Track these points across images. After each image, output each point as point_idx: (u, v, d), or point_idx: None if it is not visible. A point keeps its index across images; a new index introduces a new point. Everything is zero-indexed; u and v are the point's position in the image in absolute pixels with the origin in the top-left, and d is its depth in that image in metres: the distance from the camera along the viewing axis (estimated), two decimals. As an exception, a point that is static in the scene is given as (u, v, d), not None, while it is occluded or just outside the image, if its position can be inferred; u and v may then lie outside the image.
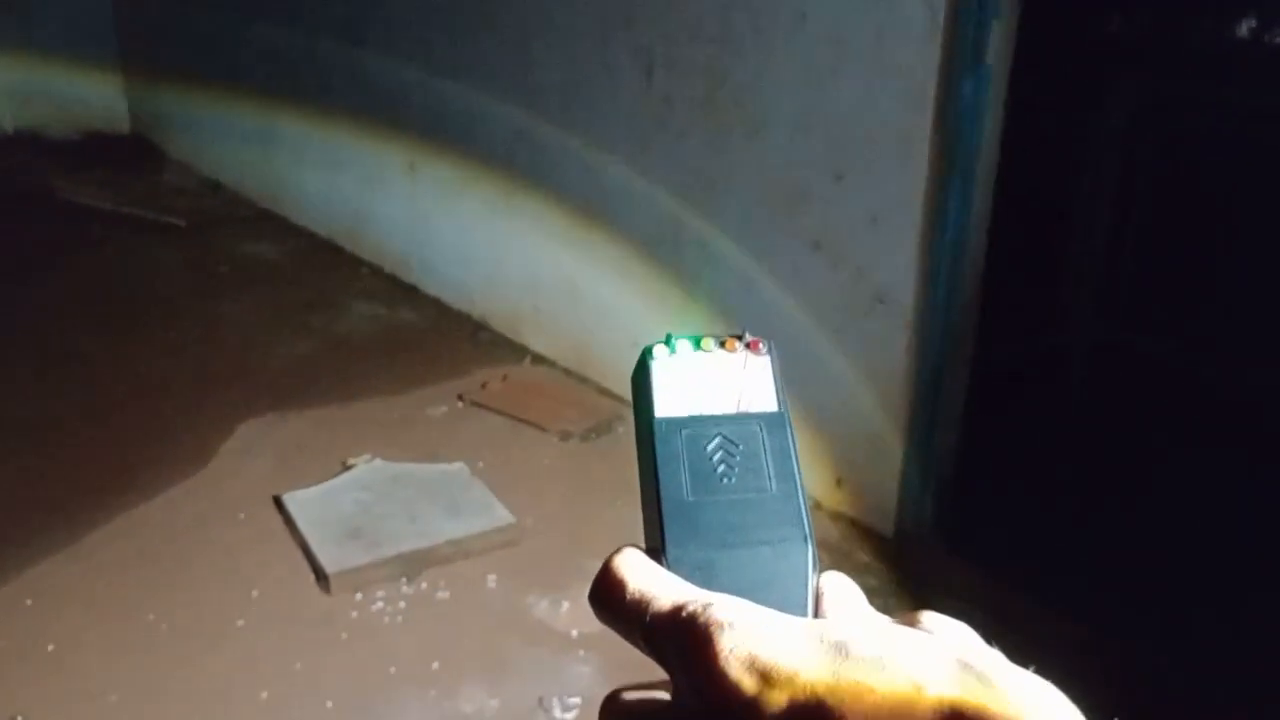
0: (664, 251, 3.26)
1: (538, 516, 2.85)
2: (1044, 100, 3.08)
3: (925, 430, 2.66)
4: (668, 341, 0.42)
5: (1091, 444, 3.33)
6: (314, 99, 4.82)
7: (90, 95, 6.14)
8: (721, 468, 0.40)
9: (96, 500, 2.86)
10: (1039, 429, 3.40)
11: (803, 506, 0.40)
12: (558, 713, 2.21)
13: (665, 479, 0.39)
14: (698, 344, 0.42)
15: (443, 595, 2.57)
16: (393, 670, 2.32)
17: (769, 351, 0.43)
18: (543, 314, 3.84)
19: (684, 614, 0.34)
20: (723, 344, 0.43)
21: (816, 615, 0.38)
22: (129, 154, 6.13)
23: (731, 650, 0.32)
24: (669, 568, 0.37)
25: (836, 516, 2.89)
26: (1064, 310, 3.51)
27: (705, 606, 0.34)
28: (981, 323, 2.68)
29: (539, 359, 3.82)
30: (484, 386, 3.59)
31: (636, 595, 0.36)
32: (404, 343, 4.02)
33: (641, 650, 0.36)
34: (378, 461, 3.04)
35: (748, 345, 0.43)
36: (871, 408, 2.76)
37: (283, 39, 4.90)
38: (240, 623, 2.45)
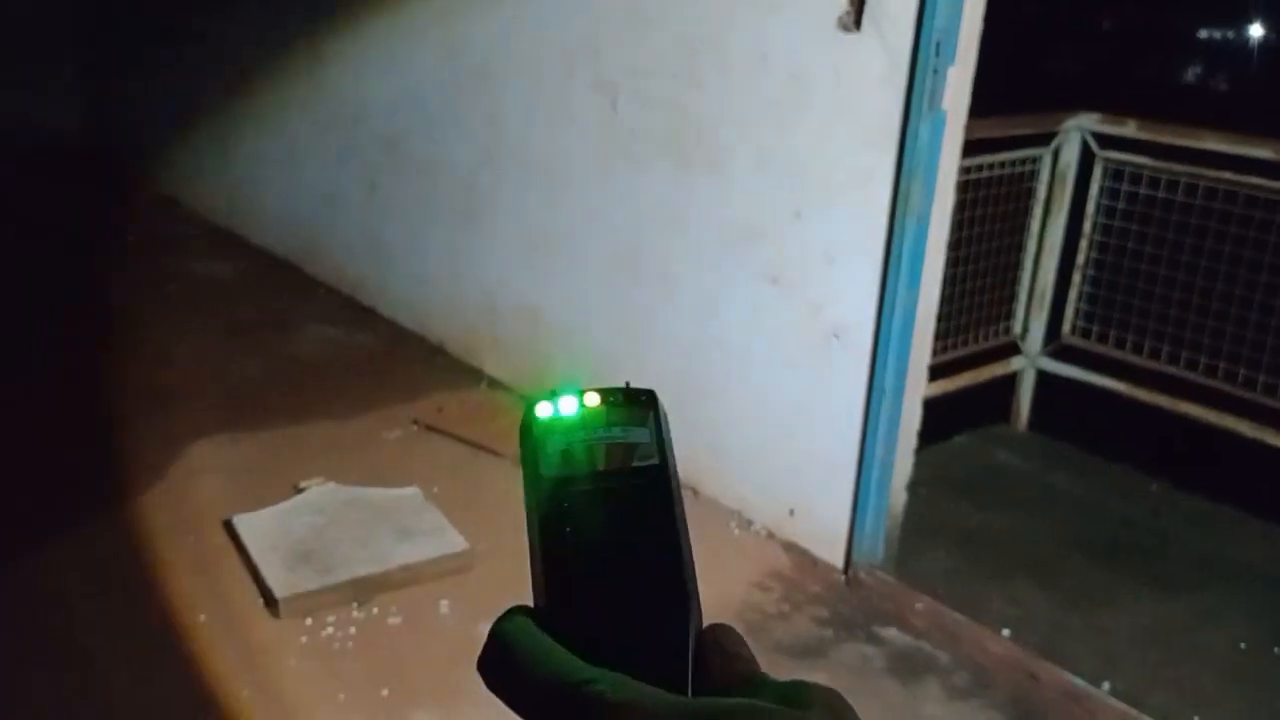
0: (623, 280, 3.28)
1: (491, 542, 2.84)
2: (999, 138, 3.17)
3: (879, 463, 2.70)
4: (551, 396, 0.42)
5: (1038, 474, 3.40)
6: (274, 117, 4.80)
7: (48, 106, 6.05)
8: (603, 527, 0.40)
9: (40, 520, 2.81)
10: (989, 458, 3.46)
11: (684, 563, 0.40)
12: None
13: (549, 539, 0.39)
14: (581, 398, 0.42)
15: (394, 621, 2.55)
16: (342, 697, 2.30)
17: (651, 404, 0.43)
18: (500, 339, 3.84)
19: (571, 694, 0.35)
20: (607, 397, 0.42)
21: (698, 671, 0.38)
22: (87, 167, 6.04)
23: None
24: (554, 633, 0.38)
25: (788, 546, 2.92)
26: (1014, 343, 3.59)
27: (588, 686, 0.35)
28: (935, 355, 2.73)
29: (495, 384, 3.82)
30: (439, 410, 3.58)
31: (525, 668, 0.37)
32: (359, 365, 4.00)
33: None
34: (330, 485, 3.02)
35: (631, 398, 0.43)
36: (825, 440, 2.79)
37: (246, 55, 4.88)
38: (187, 646, 2.41)
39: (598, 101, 3.22)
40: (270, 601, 2.55)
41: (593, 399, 0.42)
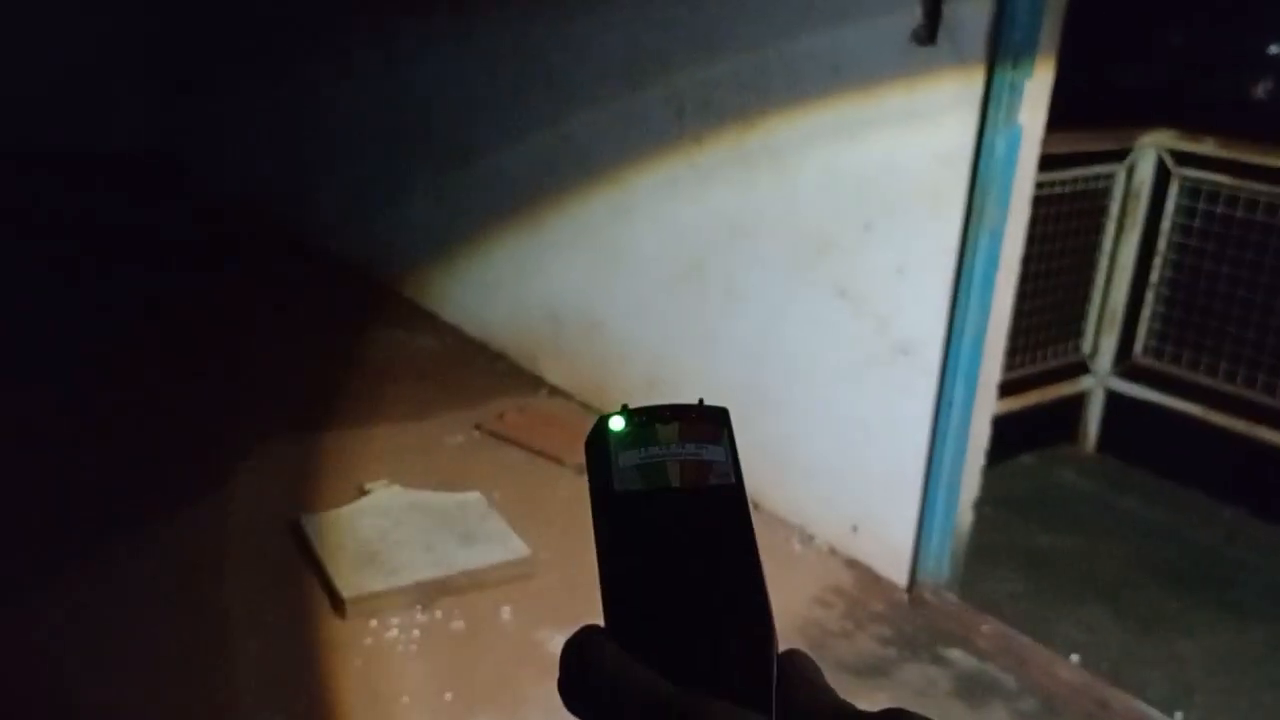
0: (687, 291, 3.28)
1: (552, 550, 2.85)
2: (1072, 154, 3.12)
3: (945, 481, 2.66)
4: (623, 413, 0.41)
5: (1107, 495, 3.34)
6: (343, 118, 4.87)
7: (118, 112, 6.19)
8: (679, 546, 0.38)
9: (114, 520, 2.88)
10: (1057, 478, 3.40)
11: (763, 585, 0.39)
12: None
13: (623, 559, 0.38)
14: (653, 415, 0.41)
15: (457, 625, 2.57)
16: (405, 700, 2.32)
17: (725, 423, 0.42)
18: (562, 347, 3.86)
19: (671, 715, 0.34)
20: (678, 415, 0.41)
21: (779, 699, 0.37)
22: (154, 172, 6.18)
23: None
24: (634, 652, 0.36)
25: (851, 563, 2.89)
26: (1082, 362, 3.53)
27: (683, 707, 0.33)
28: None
29: (556, 391, 3.84)
30: (501, 417, 3.60)
31: (610, 689, 0.35)
32: (422, 370, 4.04)
33: None
34: (395, 488, 3.05)
35: (705, 415, 0.42)
36: (891, 456, 2.76)
37: (315, 64, 4.96)
38: (255, 645, 2.45)
39: (665, 112, 3.23)
40: (337, 602, 2.58)
41: (665, 415, 0.41)
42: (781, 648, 0.39)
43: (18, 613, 2.50)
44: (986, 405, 2.69)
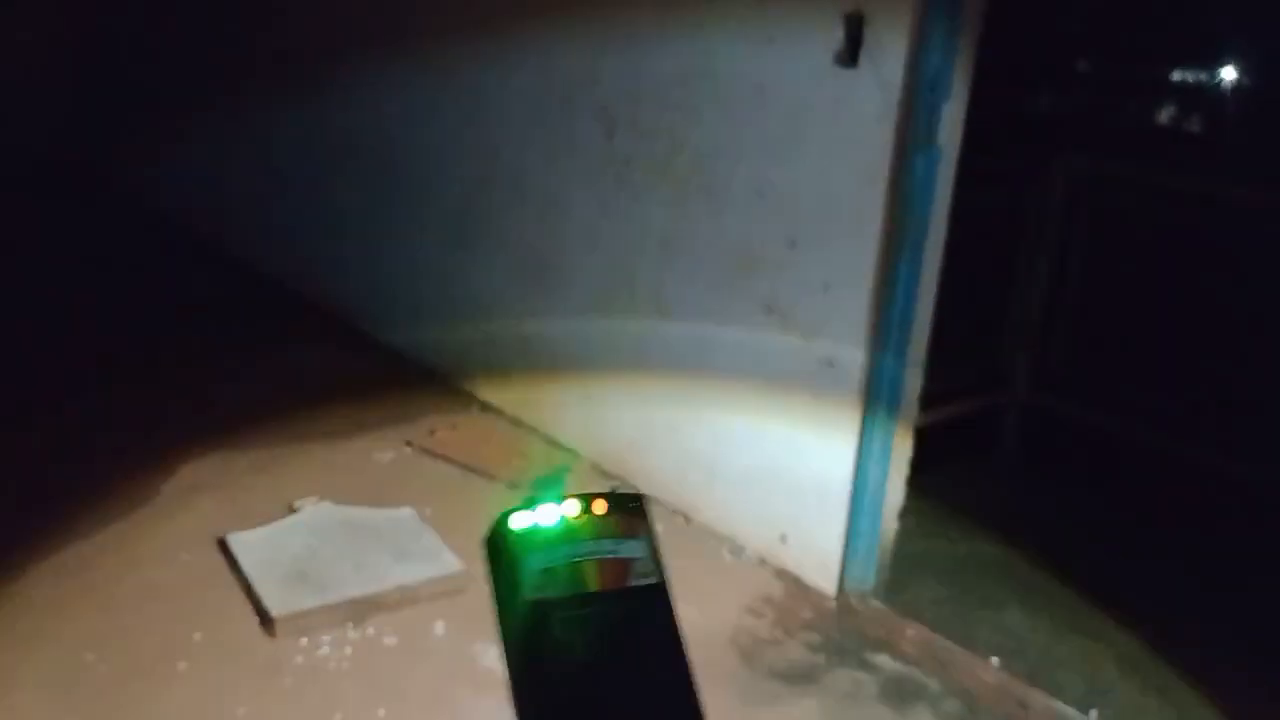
0: (617, 306, 3.32)
1: (485, 565, 2.85)
2: (987, 175, 3.24)
3: (871, 491, 2.74)
4: (528, 505, 0.37)
5: (1024, 504, 3.45)
6: (265, 141, 4.83)
7: (38, 122, 6.04)
8: (603, 657, 0.35)
9: (33, 537, 2.80)
10: (976, 489, 3.51)
11: (695, 695, 0.36)
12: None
13: (537, 672, 0.35)
14: (562, 508, 0.37)
15: (390, 641, 2.56)
16: (338, 717, 2.30)
17: (644, 513, 0.38)
18: (493, 363, 3.87)
19: None
20: (590, 504, 0.37)
21: None
22: (75, 186, 6.04)
23: None
24: None
25: (780, 573, 2.95)
26: (1001, 374, 3.66)
27: None
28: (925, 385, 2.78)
29: (487, 407, 3.84)
30: (433, 433, 3.59)
31: None
32: (352, 387, 4.00)
33: None
34: (325, 504, 3.03)
35: (619, 504, 0.38)
36: (818, 468, 2.83)
37: (245, 85, 4.92)
38: (182, 665, 2.41)
39: (594, 130, 3.28)
40: (266, 620, 2.55)
41: (575, 507, 0.37)
42: (712, 666, 0.35)
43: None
44: (909, 417, 2.78)
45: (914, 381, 2.74)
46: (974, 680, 2.56)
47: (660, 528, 2.04)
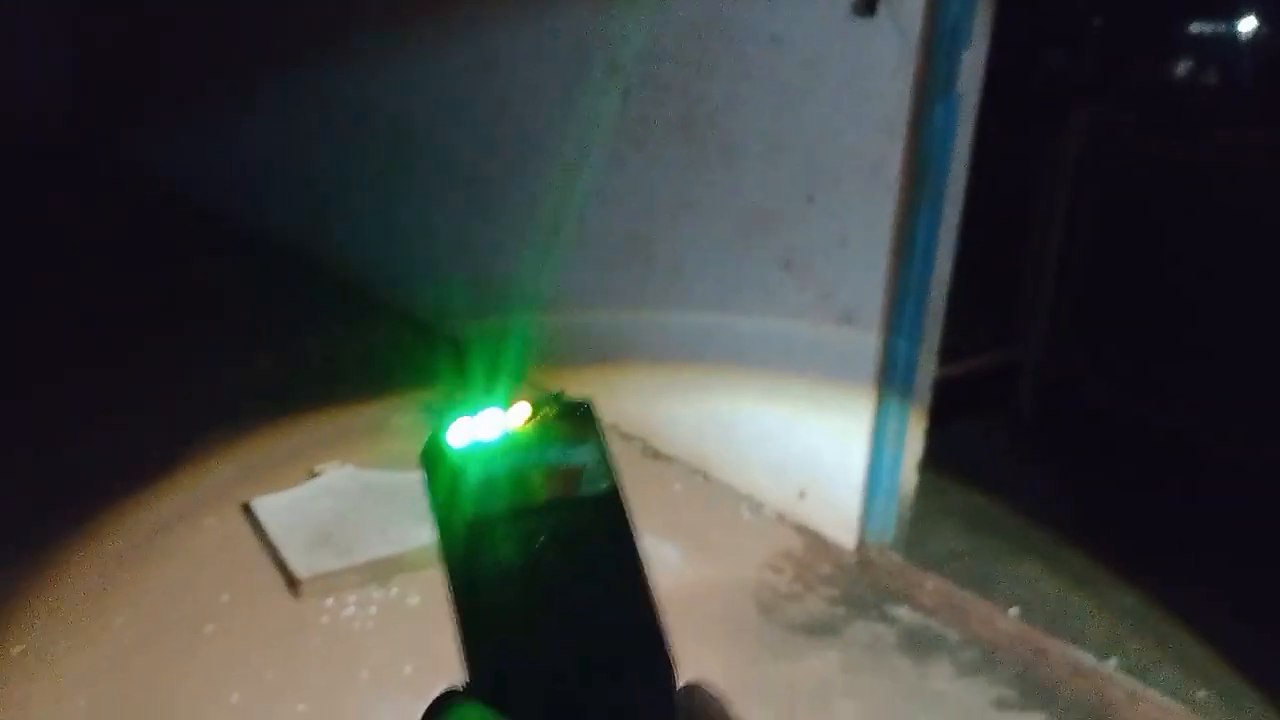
0: (635, 267, 3.31)
1: (507, 525, 2.87)
2: (1005, 128, 3.21)
3: (890, 446, 2.74)
4: (466, 411, 0.34)
5: (1042, 458, 3.45)
6: (277, 107, 4.81)
7: (39, 96, 6.03)
8: (554, 576, 0.32)
9: (63, 505, 2.83)
10: (995, 443, 3.51)
11: (655, 612, 0.33)
12: None
13: (481, 599, 0.32)
14: (504, 412, 0.34)
15: (413, 601, 2.58)
16: (365, 675, 2.33)
17: (592, 415, 0.35)
18: (509, 325, 3.87)
19: None
20: (537, 411, 0.34)
21: None
22: (81, 160, 6.03)
23: None
24: (508, 713, 0.30)
25: (800, 529, 2.96)
26: (1019, 329, 3.64)
27: None
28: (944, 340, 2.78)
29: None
30: (450, 397, 3.61)
31: None
32: (368, 353, 4.01)
33: None
34: (347, 468, 3.05)
35: (567, 409, 0.35)
36: (837, 423, 2.83)
37: (249, 46, 4.89)
38: (210, 627, 2.44)
39: (608, 89, 3.25)
40: (292, 582, 2.57)
41: (519, 414, 0.34)
42: (732, 621, 0.33)
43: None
44: (928, 371, 2.77)
45: (932, 336, 2.74)
46: (992, 630, 2.57)
47: (679, 486, 2.08)
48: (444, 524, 0.33)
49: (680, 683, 0.32)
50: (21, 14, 5.94)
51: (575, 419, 0.34)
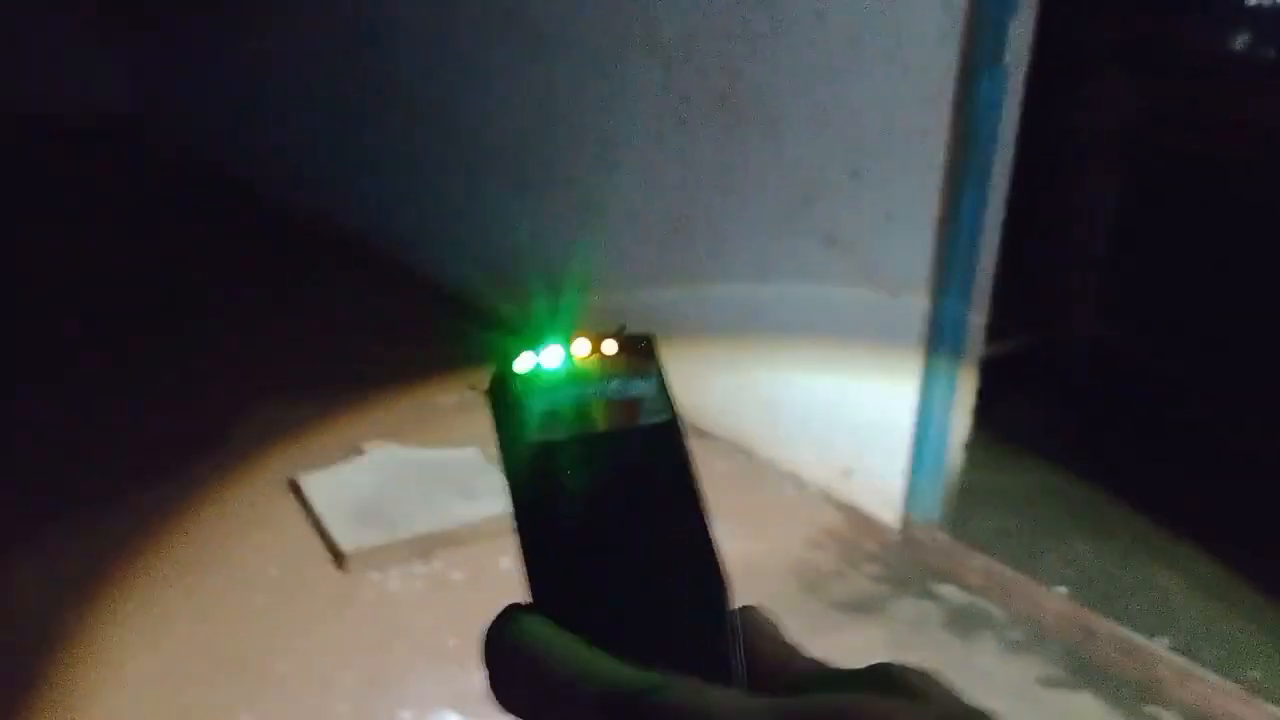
0: (677, 245, 3.30)
1: (550, 502, 2.88)
2: (1054, 100, 3.15)
3: (935, 423, 2.71)
4: (531, 345, 0.35)
5: (1090, 435, 3.40)
6: (317, 84, 4.85)
7: (86, 77, 6.12)
8: (612, 498, 0.33)
9: (112, 482, 2.89)
10: (1042, 421, 3.47)
11: (711, 536, 0.34)
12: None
13: (545, 519, 0.33)
14: (567, 346, 0.35)
15: (457, 575, 2.61)
16: (409, 647, 2.36)
17: (653, 352, 0.36)
18: (552, 304, 3.87)
19: (634, 709, 0.28)
20: (600, 345, 0.36)
21: (740, 663, 0.32)
22: (134, 139, 6.13)
23: None
24: (570, 629, 0.31)
25: (843, 507, 2.94)
26: (1066, 306, 3.58)
27: (653, 696, 0.28)
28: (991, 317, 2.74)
29: (546, 350, 3.86)
30: (493, 375, 3.62)
31: (564, 682, 0.29)
32: (414, 331, 4.05)
33: None
34: (391, 445, 3.08)
35: (628, 344, 0.36)
36: (882, 401, 2.81)
37: (285, 22, 4.93)
38: (259, 599, 2.48)
39: (649, 65, 3.24)
40: (337, 556, 2.61)
41: (583, 347, 0.35)
42: (775, 598, 0.34)
43: (6, 574, 2.52)
44: (975, 348, 2.73)
45: (979, 312, 2.70)
46: (1040, 609, 2.54)
47: (721, 465, 2.07)
48: (509, 449, 0.34)
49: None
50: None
51: (637, 353, 0.36)
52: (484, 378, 0.37)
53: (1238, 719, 2.22)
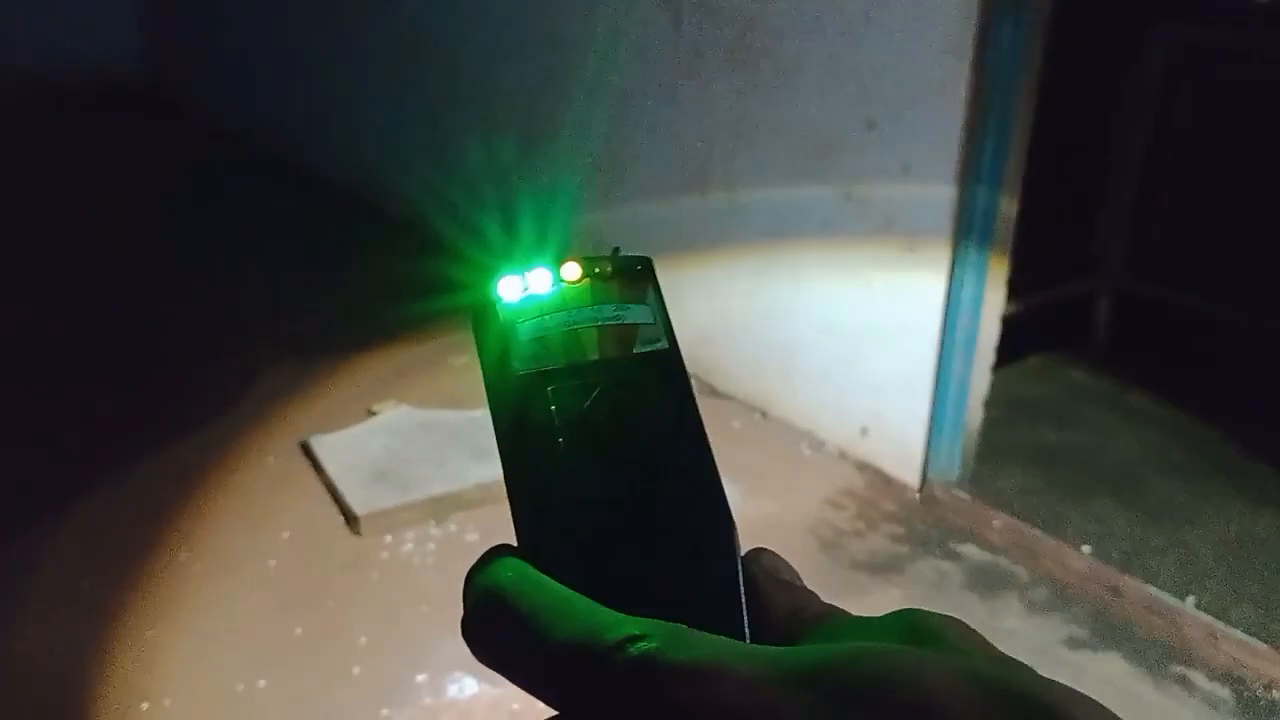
0: (689, 202, 3.24)
1: (564, 463, 2.85)
2: (1079, 49, 3.05)
3: (955, 380, 2.66)
4: (518, 269, 0.33)
5: (1116, 392, 3.34)
6: (332, 49, 4.78)
7: (106, 44, 6.08)
8: (605, 432, 0.31)
9: (123, 443, 2.88)
10: (1064, 378, 3.40)
11: (714, 471, 0.31)
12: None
13: (532, 455, 0.31)
14: (556, 270, 0.33)
15: (471, 537, 2.59)
16: (425, 609, 2.34)
17: (649, 275, 0.34)
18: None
19: (611, 659, 0.25)
20: (592, 269, 0.33)
21: (749, 610, 0.30)
22: (149, 105, 6.09)
23: (696, 709, 0.23)
24: (558, 575, 0.28)
25: (861, 466, 2.90)
26: (1092, 259, 3.50)
27: (634, 646, 0.25)
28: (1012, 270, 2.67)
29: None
30: (506, 337, 3.59)
31: (537, 629, 0.27)
32: (423, 292, 4.01)
33: (551, 705, 0.27)
34: (403, 408, 3.05)
35: (623, 267, 0.34)
36: (900, 358, 2.75)
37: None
38: (272, 563, 2.47)
39: (660, 17, 3.16)
40: (350, 519, 2.59)
41: (573, 271, 0.33)
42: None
43: (27, 535, 2.51)
44: (995, 304, 2.67)
45: (1000, 267, 2.63)
46: (1064, 569, 2.50)
47: (736, 424, 2.02)
48: (494, 380, 0.32)
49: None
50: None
51: (631, 277, 0.34)
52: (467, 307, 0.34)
53: (1267, 679, 2.18)
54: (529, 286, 0.33)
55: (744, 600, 0.30)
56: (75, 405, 3.11)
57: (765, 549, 0.32)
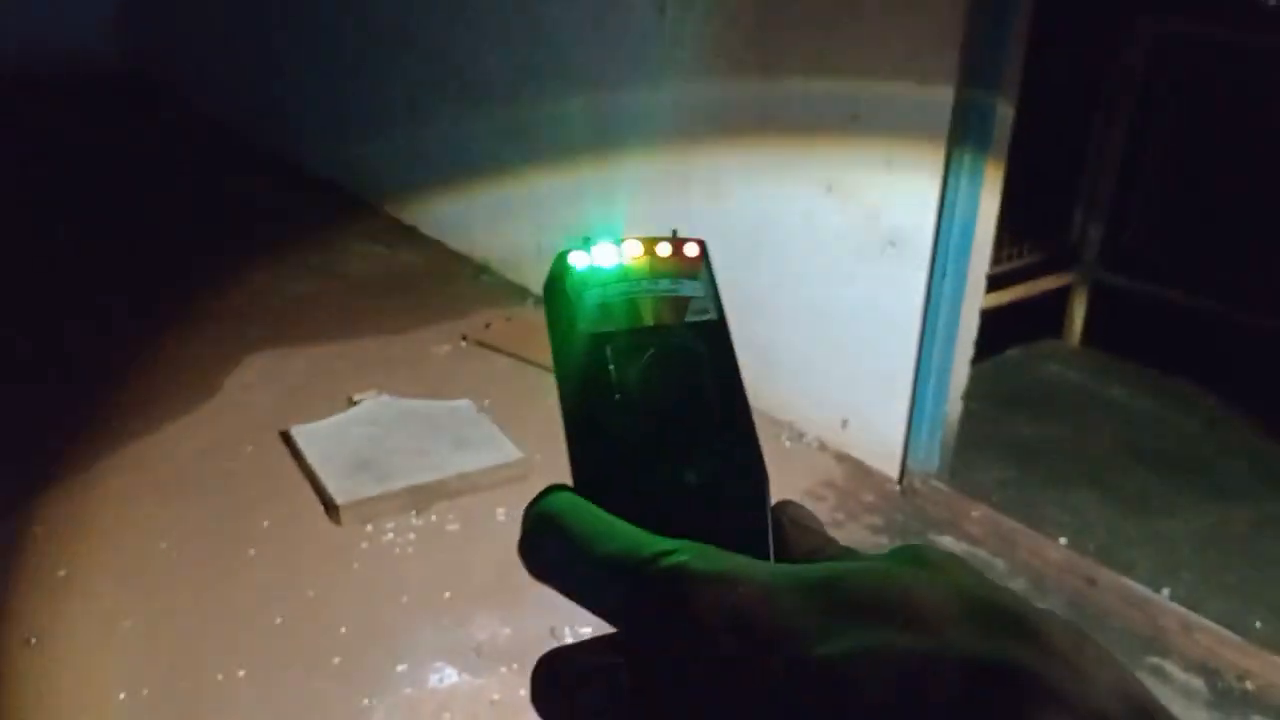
0: (672, 193, 3.24)
1: (545, 453, 2.85)
2: (1062, 40, 3.06)
3: (935, 373, 2.67)
4: (585, 244, 0.37)
5: (1094, 384, 3.36)
6: (313, 35, 4.75)
7: (81, 30, 6.01)
8: (659, 386, 0.35)
9: (104, 431, 2.86)
10: (1042, 371, 3.43)
11: (752, 425, 0.35)
12: (569, 641, 2.23)
13: (591, 405, 0.34)
14: (621, 250, 0.37)
15: (453, 527, 2.58)
16: (405, 599, 2.34)
17: (703, 254, 0.38)
18: (546, 256, 3.81)
19: (647, 570, 0.29)
20: (651, 247, 0.37)
21: (776, 544, 0.34)
22: (126, 93, 6.02)
23: (716, 607, 0.27)
24: (608, 508, 0.32)
25: (841, 457, 2.92)
26: (1070, 252, 3.52)
27: (666, 559, 0.29)
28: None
29: (541, 301, 3.81)
30: (487, 326, 3.58)
31: (584, 547, 0.31)
32: (405, 283, 4.00)
33: (594, 611, 0.30)
34: (384, 397, 3.04)
35: (679, 247, 0.37)
36: (880, 351, 2.77)
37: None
38: (252, 551, 2.46)
39: (644, 8, 3.15)
40: (331, 508, 2.58)
41: (635, 249, 0.37)
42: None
43: (3, 525, 2.49)
44: (975, 297, 2.69)
45: (980, 261, 2.65)
46: (1041, 559, 2.52)
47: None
48: (561, 340, 0.36)
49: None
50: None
51: (686, 256, 0.37)
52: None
53: (1241, 669, 2.21)
54: (596, 260, 0.36)
55: (771, 541, 0.34)
56: (52, 394, 3.09)
57: (793, 501, 0.36)
